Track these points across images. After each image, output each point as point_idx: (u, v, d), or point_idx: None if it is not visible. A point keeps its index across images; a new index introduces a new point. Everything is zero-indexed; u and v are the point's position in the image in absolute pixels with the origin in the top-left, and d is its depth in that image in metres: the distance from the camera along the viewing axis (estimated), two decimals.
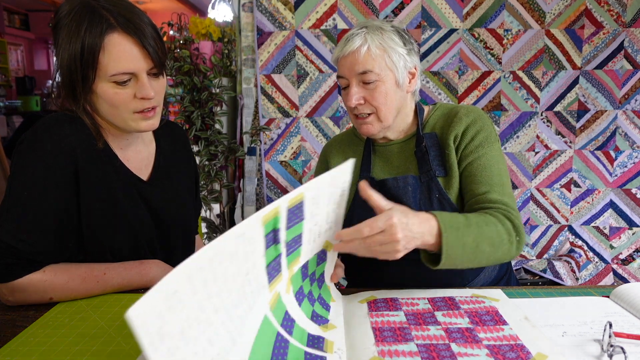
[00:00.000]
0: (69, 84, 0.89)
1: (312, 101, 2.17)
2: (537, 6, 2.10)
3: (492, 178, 1.05)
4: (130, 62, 0.87)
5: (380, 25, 1.10)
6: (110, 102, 0.89)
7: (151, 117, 0.94)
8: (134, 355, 0.73)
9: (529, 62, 2.15)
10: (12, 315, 0.87)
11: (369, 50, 1.06)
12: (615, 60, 2.12)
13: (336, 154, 1.26)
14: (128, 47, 0.87)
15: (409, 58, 1.11)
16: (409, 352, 0.70)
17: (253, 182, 2.18)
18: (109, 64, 0.86)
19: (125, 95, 0.89)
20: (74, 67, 0.87)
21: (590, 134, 2.19)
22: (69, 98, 0.91)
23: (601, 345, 0.71)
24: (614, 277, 2.22)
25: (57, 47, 0.90)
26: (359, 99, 1.08)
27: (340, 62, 1.10)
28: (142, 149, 1.06)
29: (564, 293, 0.93)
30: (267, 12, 2.10)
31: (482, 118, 1.11)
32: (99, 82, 0.88)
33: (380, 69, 1.06)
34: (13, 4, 7.16)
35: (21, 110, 6.32)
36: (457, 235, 0.87)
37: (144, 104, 0.91)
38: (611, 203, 2.22)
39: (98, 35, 0.85)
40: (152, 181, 1.05)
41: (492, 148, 1.09)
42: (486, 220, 0.96)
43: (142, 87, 0.89)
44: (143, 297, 0.45)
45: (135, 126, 0.93)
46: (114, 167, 0.97)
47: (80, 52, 0.85)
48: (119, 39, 0.86)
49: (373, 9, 2.11)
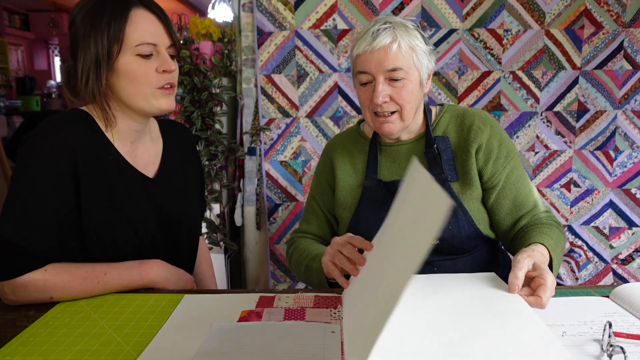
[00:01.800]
0: (94, 64, 0.91)
1: (312, 101, 2.17)
2: (537, 6, 2.10)
3: (528, 198, 1.12)
4: (155, 35, 0.93)
5: (403, 22, 1.08)
6: (132, 77, 0.92)
7: (170, 94, 0.97)
8: (134, 355, 0.73)
9: (529, 62, 2.15)
10: (12, 315, 0.87)
11: (400, 47, 1.04)
12: (615, 60, 2.12)
13: (341, 153, 1.24)
14: (153, 20, 0.93)
15: (430, 58, 1.10)
16: None
17: (253, 182, 2.18)
18: (135, 34, 0.90)
19: (148, 69, 0.93)
20: (101, 45, 0.90)
21: (590, 134, 2.19)
22: (89, 82, 0.92)
23: (601, 345, 0.71)
24: (614, 277, 2.22)
25: (77, 37, 0.92)
26: (385, 97, 1.05)
27: (364, 57, 1.06)
28: (149, 147, 1.06)
29: (563, 293, 0.93)
30: (267, 12, 2.10)
31: (496, 124, 1.15)
32: (123, 57, 0.91)
33: (408, 67, 1.05)
34: (13, 4, 7.16)
35: (21, 110, 6.31)
36: (556, 252, 1.00)
37: (165, 78, 0.95)
38: (611, 203, 2.22)
39: (124, 9, 0.91)
40: (158, 179, 1.05)
41: (515, 157, 1.14)
42: (555, 232, 1.05)
43: (165, 60, 0.94)
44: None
45: (155, 103, 0.95)
46: (117, 165, 0.98)
47: (107, 28, 0.89)
48: (144, 13, 0.93)
49: (373, 9, 2.11)
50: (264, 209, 2.19)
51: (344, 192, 1.20)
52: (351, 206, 1.18)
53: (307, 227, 1.27)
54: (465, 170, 1.11)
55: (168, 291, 0.99)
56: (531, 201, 1.13)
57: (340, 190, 1.20)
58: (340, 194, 1.20)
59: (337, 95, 2.16)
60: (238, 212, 2.20)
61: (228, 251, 2.20)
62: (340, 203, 1.20)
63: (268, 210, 2.20)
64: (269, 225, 2.20)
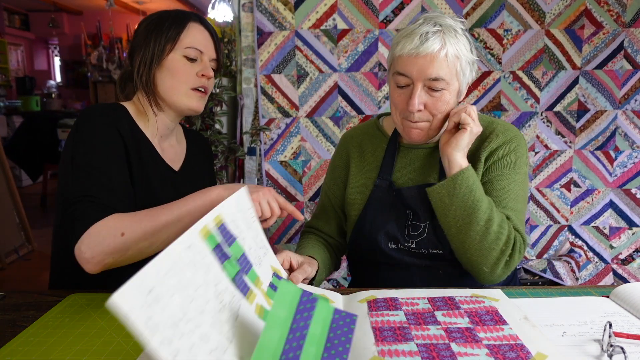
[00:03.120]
0: (149, 58, 1.03)
1: (312, 101, 2.17)
2: (537, 6, 2.10)
3: (507, 201, 1.04)
4: (204, 45, 1.06)
5: (453, 25, 1.01)
6: (174, 73, 1.03)
7: (202, 97, 1.08)
8: (134, 355, 0.73)
9: (529, 62, 2.15)
10: (12, 315, 0.88)
11: (447, 56, 0.98)
12: (615, 60, 2.12)
13: (356, 147, 1.21)
14: (205, 35, 1.07)
15: (472, 68, 1.05)
16: (409, 351, 0.70)
17: (253, 182, 2.18)
18: (187, 38, 1.04)
19: (190, 70, 1.04)
20: (158, 43, 1.02)
21: (590, 134, 2.19)
22: (140, 71, 1.04)
23: (601, 345, 0.71)
24: (614, 277, 2.22)
25: (137, 40, 1.06)
26: (420, 105, 1.01)
27: (407, 60, 1.00)
28: (175, 144, 1.16)
29: (564, 293, 0.93)
30: (267, 12, 2.10)
31: (518, 138, 1.08)
32: (172, 54, 1.03)
33: (450, 77, 1.00)
34: (13, 4, 7.16)
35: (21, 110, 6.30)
36: (474, 184, 0.98)
37: (202, 82, 1.06)
38: (611, 203, 2.22)
39: (184, 19, 1.05)
40: (182, 172, 1.14)
41: (518, 172, 1.06)
42: (499, 214, 1.00)
43: (206, 67, 1.06)
44: (121, 289, 0.46)
45: (187, 102, 1.06)
46: (152, 155, 1.06)
47: (167, 32, 1.03)
48: (200, 27, 1.07)
49: (373, 9, 2.11)
50: None
51: (354, 190, 1.17)
52: (359, 204, 1.15)
53: (316, 223, 1.26)
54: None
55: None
56: (509, 210, 1.03)
57: (352, 187, 1.17)
58: (350, 191, 1.18)
59: (337, 95, 2.16)
60: None
61: None
62: (349, 200, 1.18)
63: None
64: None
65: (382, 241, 1.10)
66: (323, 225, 1.25)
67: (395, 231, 1.09)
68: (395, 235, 1.09)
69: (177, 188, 1.10)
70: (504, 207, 1.03)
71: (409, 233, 1.08)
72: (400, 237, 1.08)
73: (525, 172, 1.08)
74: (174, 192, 1.08)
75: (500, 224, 0.98)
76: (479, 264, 1.00)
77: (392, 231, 1.09)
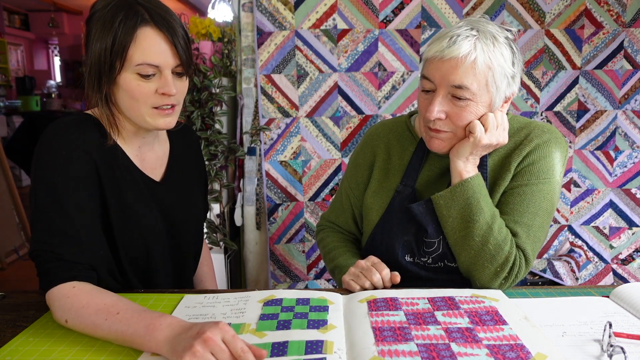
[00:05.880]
0: (96, 73, 0.90)
1: (312, 101, 2.17)
2: (537, 6, 2.10)
3: (522, 215, 0.95)
4: (158, 56, 0.89)
5: (493, 31, 0.93)
6: (131, 94, 0.90)
7: (169, 114, 0.94)
8: (134, 355, 0.73)
9: (529, 62, 2.15)
10: (12, 315, 0.88)
11: (475, 63, 0.89)
12: (615, 60, 2.12)
13: (383, 148, 1.13)
14: (158, 41, 0.89)
15: (512, 82, 0.94)
16: (409, 351, 0.70)
17: (253, 182, 2.18)
18: (136, 54, 0.88)
19: (146, 89, 0.90)
20: (103, 57, 0.88)
21: (590, 134, 2.19)
22: (93, 88, 0.92)
23: (601, 345, 0.71)
24: (614, 277, 2.22)
25: (88, 39, 0.91)
26: (440, 113, 0.93)
27: (432, 63, 0.93)
28: (157, 149, 1.06)
29: (563, 293, 0.93)
30: (267, 12, 2.10)
31: (554, 143, 0.97)
32: (124, 73, 0.89)
33: (478, 88, 0.91)
34: (13, 4, 7.16)
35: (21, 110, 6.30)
36: (472, 196, 0.93)
37: (163, 100, 0.92)
38: (611, 203, 2.22)
39: (131, 27, 0.87)
40: (165, 182, 1.05)
41: (547, 182, 0.96)
42: (504, 231, 0.93)
43: (165, 83, 0.91)
44: None
45: (151, 122, 0.93)
46: (128, 169, 0.97)
47: (112, 42, 0.87)
48: (151, 32, 0.89)
49: (373, 9, 2.11)
50: (264, 209, 2.19)
51: (375, 194, 1.11)
52: (378, 209, 1.09)
53: (335, 219, 1.23)
54: (495, 191, 1.00)
55: (168, 291, 0.99)
56: (521, 226, 0.96)
57: (372, 190, 1.11)
58: (370, 194, 1.11)
59: (337, 95, 2.16)
60: (238, 212, 2.20)
61: (228, 251, 2.20)
62: (367, 204, 1.11)
63: (268, 210, 2.20)
64: (268, 225, 2.20)
65: (400, 253, 1.05)
66: (343, 222, 1.22)
67: (412, 244, 1.04)
68: (412, 249, 1.05)
69: (159, 201, 1.02)
70: (516, 222, 0.95)
71: (424, 249, 1.04)
72: (416, 251, 1.05)
73: (556, 183, 0.97)
74: (156, 205, 1.01)
75: (499, 242, 0.92)
76: (473, 278, 0.98)
77: (410, 243, 1.05)
